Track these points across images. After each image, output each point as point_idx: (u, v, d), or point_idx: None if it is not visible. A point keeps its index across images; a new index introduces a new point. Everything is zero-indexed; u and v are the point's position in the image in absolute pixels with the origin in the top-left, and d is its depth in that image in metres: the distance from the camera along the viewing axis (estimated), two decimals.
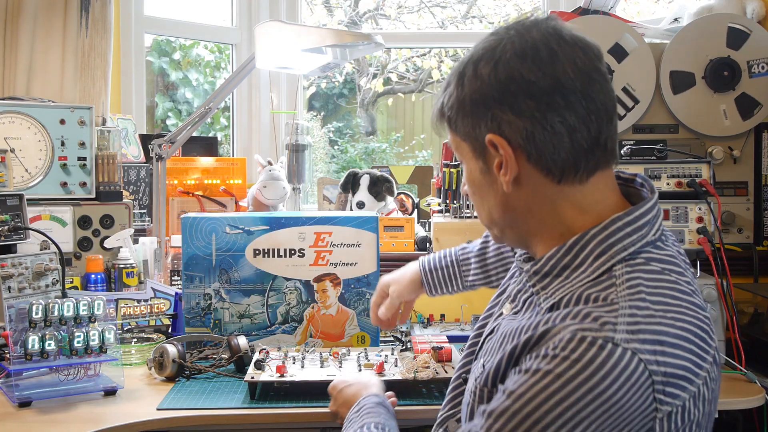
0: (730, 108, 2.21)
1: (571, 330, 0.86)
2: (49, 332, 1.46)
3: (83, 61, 2.41)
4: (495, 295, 1.25)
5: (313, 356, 1.64)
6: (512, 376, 0.90)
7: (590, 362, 0.83)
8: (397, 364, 1.58)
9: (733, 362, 1.75)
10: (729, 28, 2.19)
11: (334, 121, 5.12)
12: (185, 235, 1.80)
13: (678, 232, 1.85)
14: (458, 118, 0.99)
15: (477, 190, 1.03)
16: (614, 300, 0.88)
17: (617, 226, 0.95)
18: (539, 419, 0.83)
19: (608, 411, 0.83)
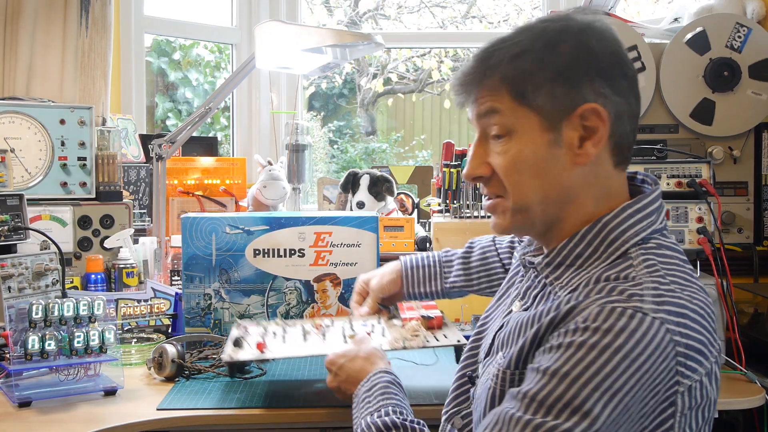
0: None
1: (600, 303, 0.89)
2: (49, 332, 1.46)
3: (83, 61, 2.41)
4: (496, 297, 1.25)
5: (294, 330, 1.55)
6: (542, 356, 0.90)
7: (622, 330, 0.85)
8: (384, 334, 1.48)
9: (733, 362, 1.75)
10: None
11: (334, 120, 5.12)
12: (185, 235, 1.80)
13: (678, 232, 1.85)
14: (542, 85, 0.97)
15: (531, 165, 0.99)
16: (635, 276, 0.93)
17: (628, 213, 0.99)
18: (577, 393, 0.84)
19: (641, 379, 0.86)
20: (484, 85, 1.00)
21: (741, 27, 2.18)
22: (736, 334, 1.77)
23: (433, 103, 5.33)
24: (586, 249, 0.99)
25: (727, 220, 2.23)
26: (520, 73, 0.98)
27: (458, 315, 2.17)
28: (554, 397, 0.85)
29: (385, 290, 1.55)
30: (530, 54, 0.98)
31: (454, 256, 1.57)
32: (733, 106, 2.21)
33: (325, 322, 1.57)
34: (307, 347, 1.44)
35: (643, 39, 2.23)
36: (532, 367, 0.90)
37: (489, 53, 1.00)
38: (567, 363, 0.86)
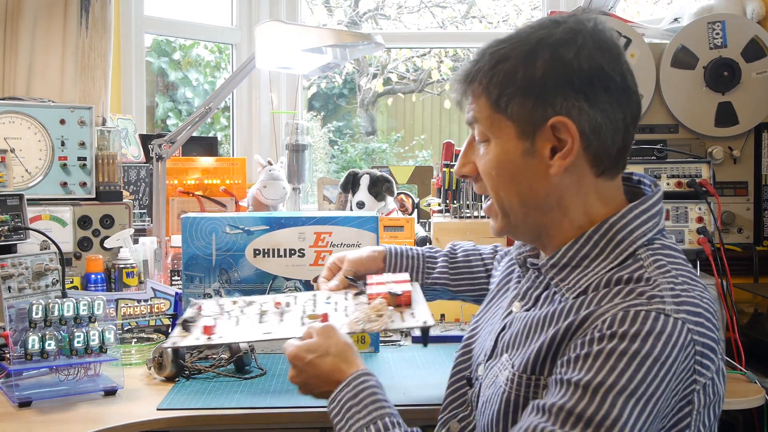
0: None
1: (622, 307, 0.90)
2: (49, 332, 1.46)
3: (83, 61, 2.41)
4: (488, 299, 1.26)
5: (251, 309, 1.40)
6: (569, 366, 0.90)
7: (649, 334, 0.87)
8: (347, 313, 1.32)
9: (733, 362, 1.75)
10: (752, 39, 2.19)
11: (334, 120, 5.12)
12: (185, 235, 1.80)
13: (678, 232, 1.85)
14: (514, 96, 0.99)
15: (507, 172, 1.02)
16: (649, 278, 0.94)
17: (634, 213, 1.00)
18: (613, 404, 0.85)
19: (669, 381, 0.89)
20: (470, 92, 1.05)
21: (713, 24, 2.18)
22: (736, 334, 1.77)
23: (433, 103, 5.33)
24: (592, 250, 1.00)
25: (727, 220, 2.23)
26: (497, 82, 1.00)
27: (458, 315, 2.17)
28: (592, 410, 0.85)
29: (362, 264, 1.45)
30: (506, 64, 0.99)
31: (438, 253, 1.56)
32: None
33: (288, 299, 1.43)
34: (261, 330, 1.30)
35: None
36: (559, 378, 0.90)
37: (479, 56, 1.03)
38: (599, 374, 0.86)
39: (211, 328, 1.29)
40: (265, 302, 1.41)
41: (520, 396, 0.98)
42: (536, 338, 1.00)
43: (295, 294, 1.46)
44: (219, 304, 1.43)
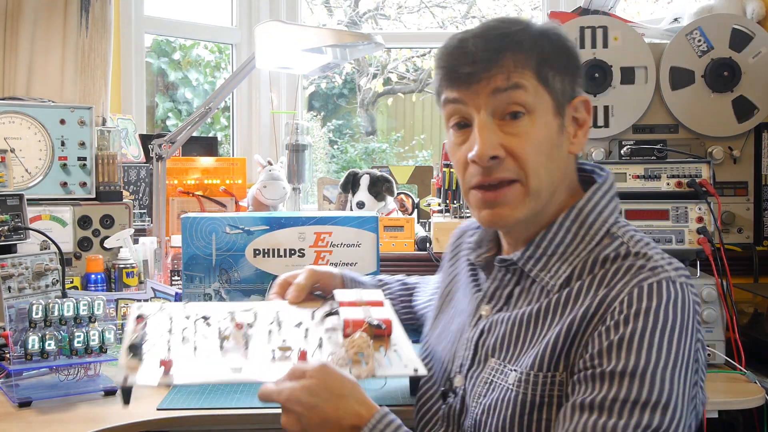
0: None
1: (634, 284, 0.93)
2: (49, 332, 1.46)
3: (83, 61, 2.41)
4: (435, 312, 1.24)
5: (209, 331, 1.14)
6: (600, 358, 0.91)
7: (668, 304, 0.91)
8: (321, 345, 1.10)
9: (733, 362, 1.75)
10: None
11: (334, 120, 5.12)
12: (185, 235, 1.80)
13: (678, 232, 1.85)
14: (558, 69, 1.01)
15: (547, 149, 1.01)
16: (638, 252, 0.97)
17: (598, 196, 1.04)
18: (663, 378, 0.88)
19: (692, 341, 0.93)
20: (510, 59, 0.98)
21: (692, 32, 2.19)
22: (736, 334, 1.77)
23: (433, 103, 5.31)
24: (565, 236, 1.02)
25: (727, 220, 2.23)
26: (544, 54, 1.00)
27: None
28: (645, 393, 0.87)
29: (320, 277, 1.27)
30: (551, 39, 1.02)
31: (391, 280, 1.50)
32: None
33: (247, 316, 1.18)
34: (228, 365, 1.05)
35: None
36: (598, 372, 0.90)
37: (508, 30, 1.00)
38: (639, 357, 0.88)
39: (170, 362, 1.03)
40: (224, 319, 1.16)
41: (536, 395, 0.97)
42: (535, 335, 0.99)
43: (254, 308, 1.21)
44: (169, 316, 1.18)
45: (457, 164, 1.05)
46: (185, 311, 1.19)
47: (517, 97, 0.98)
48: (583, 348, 0.93)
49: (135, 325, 1.14)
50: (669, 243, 1.85)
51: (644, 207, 1.87)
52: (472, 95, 1.00)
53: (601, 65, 2.20)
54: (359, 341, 1.08)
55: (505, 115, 0.99)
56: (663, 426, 0.87)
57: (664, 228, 1.85)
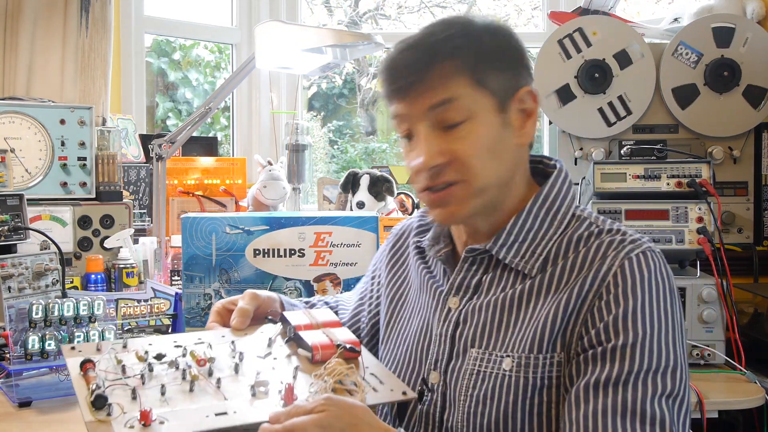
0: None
1: (623, 256, 0.97)
2: (49, 332, 1.46)
3: (83, 61, 2.41)
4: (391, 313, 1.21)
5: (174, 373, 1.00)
6: (603, 335, 0.94)
7: (656, 270, 0.96)
8: (296, 376, 1.01)
9: (733, 362, 1.75)
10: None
11: (334, 120, 5.12)
12: (185, 235, 1.80)
13: (678, 232, 1.85)
14: (493, 69, 1.01)
15: (490, 148, 1.01)
16: (609, 228, 1.02)
17: (559, 183, 1.07)
18: (667, 343, 0.93)
19: (677, 300, 0.99)
20: (438, 72, 0.99)
21: (677, 48, 2.22)
22: (736, 334, 1.77)
23: None
24: (534, 223, 1.05)
25: (727, 220, 2.23)
26: (478, 55, 1.00)
27: None
28: (654, 361, 0.91)
29: (261, 301, 1.19)
30: (484, 38, 1.02)
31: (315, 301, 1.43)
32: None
33: (203, 349, 1.06)
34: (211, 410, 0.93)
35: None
36: (604, 350, 0.93)
37: (437, 39, 1.01)
38: (643, 328, 0.93)
39: (149, 414, 0.90)
40: (181, 356, 1.03)
41: (537, 377, 0.97)
42: (520, 319, 1.00)
43: (203, 338, 1.10)
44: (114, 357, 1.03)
45: (410, 170, 1.07)
46: (130, 350, 1.05)
47: (452, 109, 1.00)
48: (582, 326, 0.95)
49: (82, 373, 0.99)
50: (669, 243, 1.85)
51: (644, 207, 1.87)
52: (411, 109, 1.02)
53: (601, 65, 2.21)
54: (337, 368, 1.00)
55: (444, 126, 1.01)
56: (676, 387, 0.91)
57: (664, 228, 1.85)
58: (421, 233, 1.22)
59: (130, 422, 0.89)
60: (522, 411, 0.98)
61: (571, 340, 0.96)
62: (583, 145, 2.28)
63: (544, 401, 0.97)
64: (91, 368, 0.99)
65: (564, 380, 0.96)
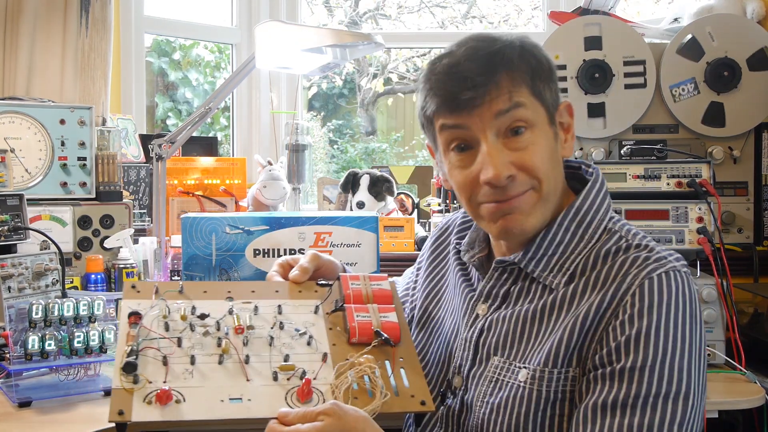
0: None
1: (643, 276, 0.95)
2: (49, 332, 1.46)
3: (83, 61, 2.41)
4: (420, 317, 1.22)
5: (207, 341, 1.05)
6: (614, 355, 0.92)
7: (677, 292, 0.93)
8: (326, 359, 1.04)
9: (733, 362, 1.75)
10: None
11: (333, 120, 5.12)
12: (185, 235, 1.80)
13: (678, 232, 1.85)
14: (546, 81, 1.04)
15: (551, 157, 1.04)
16: (639, 244, 1.00)
17: (593, 195, 1.06)
18: (681, 367, 0.90)
19: (700, 324, 0.95)
20: (507, 78, 1.00)
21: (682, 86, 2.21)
22: (736, 334, 1.77)
23: None
24: (565, 236, 1.04)
25: (727, 220, 2.23)
26: (534, 68, 1.02)
27: None
28: (665, 386, 0.89)
29: (323, 263, 1.21)
30: (532, 52, 1.03)
31: None
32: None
33: (248, 315, 1.10)
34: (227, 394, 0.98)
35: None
36: (617, 369, 0.91)
37: (494, 49, 1.01)
38: (657, 350, 0.90)
39: (168, 393, 0.96)
40: (222, 318, 1.08)
41: (550, 391, 0.97)
42: (541, 332, 1.00)
43: (254, 300, 1.13)
44: (162, 314, 1.08)
45: (462, 185, 1.05)
46: (181, 306, 1.10)
47: (519, 115, 1.00)
48: (597, 343, 0.95)
49: (128, 326, 1.05)
50: (669, 243, 1.85)
51: (644, 207, 1.87)
52: (475, 120, 1.00)
53: (601, 65, 2.21)
54: (365, 367, 1.02)
55: (508, 132, 1.01)
56: (687, 415, 0.89)
57: (665, 228, 1.85)
58: (462, 232, 1.24)
59: (149, 397, 0.95)
60: (534, 423, 0.98)
61: (587, 356, 0.95)
62: (583, 145, 2.28)
63: (556, 414, 0.97)
64: (135, 322, 1.04)
65: (575, 395, 0.96)
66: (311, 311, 1.12)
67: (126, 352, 0.99)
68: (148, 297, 1.11)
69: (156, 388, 0.96)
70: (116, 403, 0.94)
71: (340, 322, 1.10)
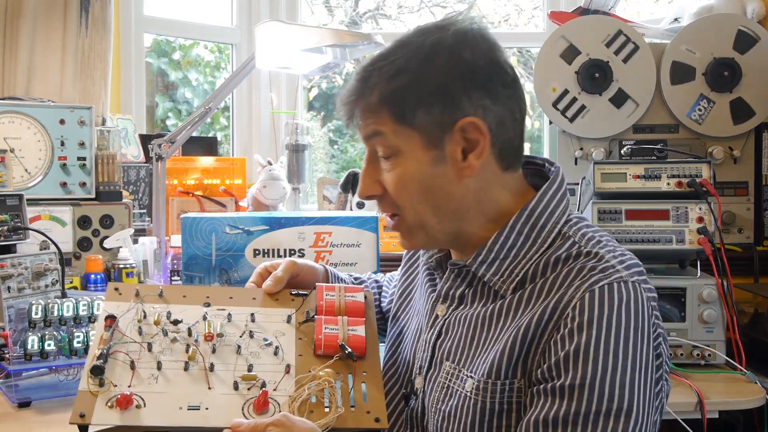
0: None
1: (585, 288, 0.91)
2: (48, 332, 1.46)
3: (83, 61, 2.40)
4: (393, 314, 1.23)
5: (176, 347, 1.07)
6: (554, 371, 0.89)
7: (620, 305, 0.89)
8: (288, 371, 1.05)
9: (734, 362, 1.75)
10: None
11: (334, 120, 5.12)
12: (185, 235, 1.80)
13: (678, 232, 1.85)
14: (419, 106, 0.97)
15: (421, 184, 0.99)
16: (589, 251, 0.95)
17: (548, 197, 1.02)
18: (622, 384, 0.87)
19: (647, 340, 0.91)
20: (366, 107, 0.99)
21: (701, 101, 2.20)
22: (736, 334, 1.77)
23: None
24: (517, 239, 1.00)
25: (728, 220, 2.23)
26: (398, 94, 0.97)
27: None
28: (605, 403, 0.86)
29: (299, 270, 1.22)
30: (406, 73, 0.97)
31: (365, 278, 1.46)
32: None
33: (219, 322, 1.11)
34: (185, 401, 1.00)
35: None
36: (557, 385, 0.88)
37: (368, 72, 1.00)
38: (596, 366, 0.87)
39: (128, 398, 0.98)
40: (193, 326, 1.09)
41: (495, 402, 0.95)
42: (488, 339, 0.98)
43: (228, 311, 1.13)
44: (137, 318, 1.09)
45: None
46: (156, 311, 1.11)
47: (379, 142, 1.00)
48: (541, 356, 0.92)
49: (104, 329, 1.07)
50: (669, 243, 1.85)
51: (644, 207, 1.87)
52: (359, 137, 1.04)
53: (601, 65, 2.20)
54: (325, 381, 1.03)
55: (378, 157, 1.02)
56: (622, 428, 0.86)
57: (665, 228, 1.85)
58: None
59: (111, 401, 0.98)
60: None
61: (532, 368, 0.93)
62: (583, 145, 2.28)
63: (503, 425, 0.95)
64: (110, 325, 1.07)
65: (522, 406, 0.95)
66: (284, 320, 1.13)
67: (96, 356, 1.01)
68: (129, 300, 1.12)
69: (120, 392, 0.99)
70: (79, 406, 0.97)
71: (310, 332, 1.11)
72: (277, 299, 1.17)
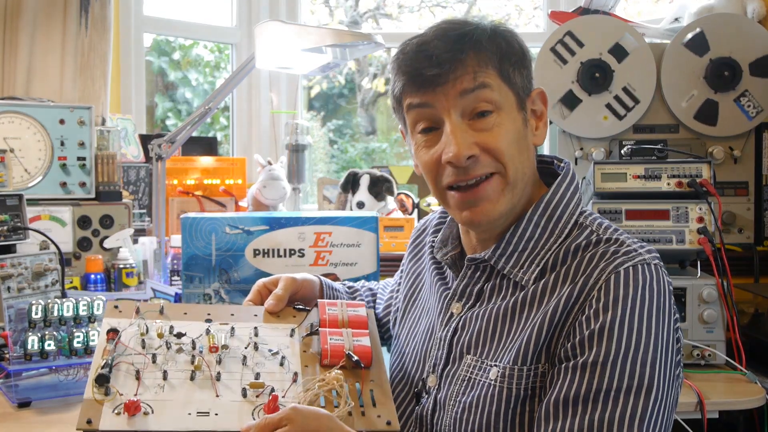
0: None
1: (610, 270, 0.93)
2: (48, 332, 1.46)
3: (83, 61, 2.40)
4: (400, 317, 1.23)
5: (180, 358, 1.06)
6: (579, 348, 0.91)
7: (644, 285, 0.91)
8: (296, 380, 1.04)
9: (734, 362, 1.75)
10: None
11: (333, 120, 5.12)
12: (185, 235, 1.80)
13: (678, 232, 1.85)
14: (516, 66, 1.02)
15: (518, 142, 1.02)
16: (609, 238, 0.98)
17: (563, 188, 1.05)
18: (644, 362, 0.88)
19: (671, 320, 0.93)
20: (474, 58, 0.99)
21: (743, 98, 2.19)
22: (737, 334, 1.77)
23: None
24: (535, 231, 1.02)
25: (728, 220, 2.23)
26: (503, 51, 1.01)
27: None
28: (626, 380, 0.87)
29: (299, 287, 1.21)
30: (504, 36, 1.02)
31: (359, 287, 1.45)
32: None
33: (223, 335, 1.10)
34: (194, 407, 0.99)
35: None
36: (576, 363, 0.90)
37: (465, 30, 1.01)
38: (620, 343, 0.89)
39: (134, 406, 0.97)
40: (198, 337, 1.09)
41: (521, 388, 0.97)
42: (513, 329, 0.99)
43: (232, 322, 1.13)
44: (142, 336, 1.08)
45: (427, 166, 1.04)
46: (159, 325, 1.10)
47: (484, 96, 0.99)
48: (565, 337, 0.94)
49: (106, 342, 1.05)
50: (669, 243, 1.85)
51: (644, 207, 1.87)
52: (440, 98, 1.00)
53: (601, 65, 2.20)
54: (333, 381, 1.02)
55: (474, 114, 1.00)
56: (650, 411, 0.87)
57: (665, 228, 1.85)
58: (438, 231, 1.22)
59: (118, 408, 0.96)
60: (504, 421, 0.97)
61: (556, 350, 0.94)
62: (583, 145, 2.28)
63: (527, 411, 0.97)
64: (113, 338, 1.05)
65: (545, 390, 0.96)
66: (287, 334, 1.13)
67: (100, 365, 1.00)
68: (129, 317, 1.11)
69: (126, 399, 0.97)
70: (85, 413, 0.95)
71: (314, 346, 1.11)
72: (278, 315, 1.17)
